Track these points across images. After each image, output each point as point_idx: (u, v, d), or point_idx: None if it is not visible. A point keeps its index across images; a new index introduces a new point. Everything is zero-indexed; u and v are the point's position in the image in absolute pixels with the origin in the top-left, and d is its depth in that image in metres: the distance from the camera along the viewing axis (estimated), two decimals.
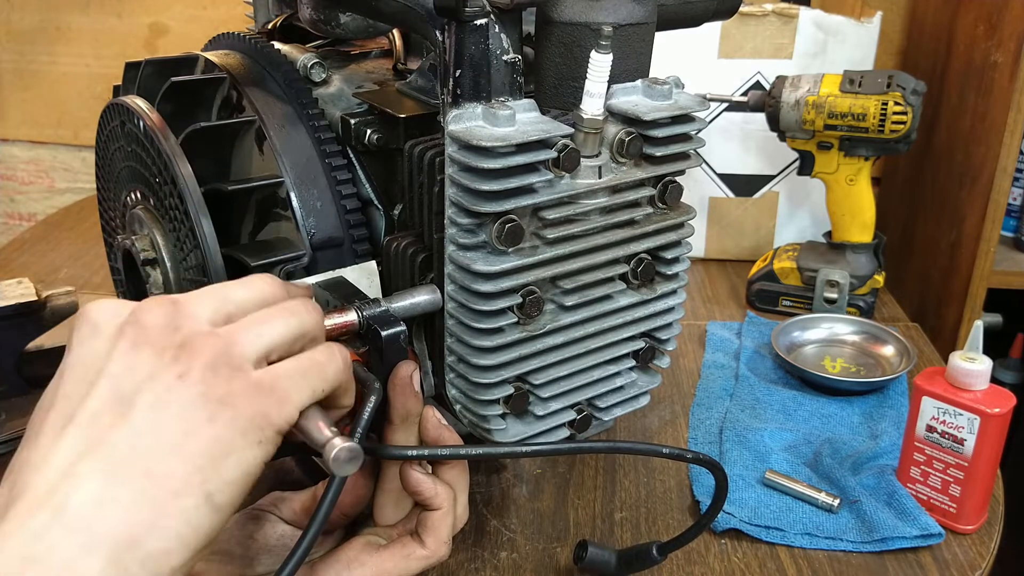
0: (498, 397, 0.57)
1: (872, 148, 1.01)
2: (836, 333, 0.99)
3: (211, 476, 0.37)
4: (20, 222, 1.69)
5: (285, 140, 0.65)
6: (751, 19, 1.11)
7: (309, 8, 0.70)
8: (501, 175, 0.51)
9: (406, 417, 0.52)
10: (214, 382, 0.39)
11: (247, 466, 0.39)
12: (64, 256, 1.21)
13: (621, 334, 0.61)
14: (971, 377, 0.68)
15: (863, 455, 0.78)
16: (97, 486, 0.36)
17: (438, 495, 0.52)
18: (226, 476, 0.38)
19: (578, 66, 0.55)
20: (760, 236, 1.21)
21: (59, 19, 1.53)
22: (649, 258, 0.60)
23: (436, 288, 0.57)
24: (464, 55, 0.52)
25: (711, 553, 0.69)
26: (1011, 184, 1.06)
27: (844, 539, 0.70)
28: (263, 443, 0.40)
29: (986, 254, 1.09)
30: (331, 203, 0.65)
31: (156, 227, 0.67)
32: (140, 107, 0.66)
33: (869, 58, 1.12)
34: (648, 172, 0.58)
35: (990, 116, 1.07)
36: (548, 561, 0.68)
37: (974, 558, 0.69)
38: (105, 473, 0.36)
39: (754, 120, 1.11)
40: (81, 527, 0.35)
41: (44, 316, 0.79)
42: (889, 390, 0.89)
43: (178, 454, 0.37)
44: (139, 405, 0.38)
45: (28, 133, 1.62)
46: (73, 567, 0.34)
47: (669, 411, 0.88)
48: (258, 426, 0.39)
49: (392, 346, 0.52)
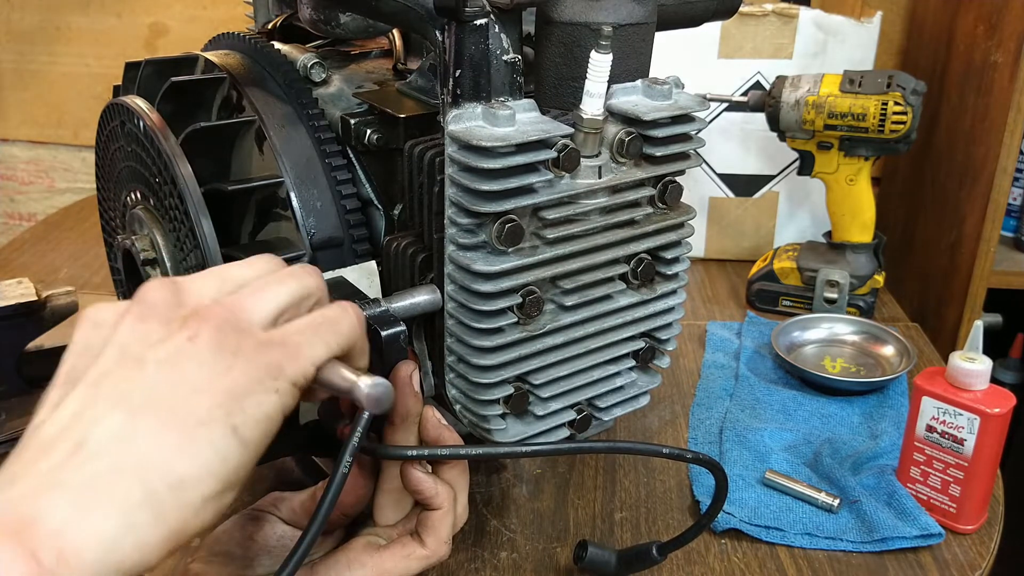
0: (498, 397, 0.57)
1: (872, 148, 1.01)
2: (836, 333, 0.99)
3: (235, 411, 0.37)
4: (20, 222, 1.69)
5: (285, 140, 0.65)
6: (751, 19, 1.11)
7: (309, 8, 0.70)
8: (501, 175, 0.51)
9: (406, 417, 0.52)
10: (224, 341, 0.38)
11: (267, 409, 0.38)
12: (64, 256, 1.21)
13: (621, 334, 0.61)
14: (971, 377, 0.68)
15: (863, 455, 0.78)
16: (118, 421, 0.35)
17: (438, 495, 0.52)
18: (249, 414, 0.37)
19: (578, 66, 0.55)
20: (760, 236, 1.21)
21: (59, 19, 1.53)
22: (649, 258, 0.60)
23: (436, 288, 0.57)
24: (464, 55, 0.52)
25: (711, 553, 0.69)
26: (1011, 184, 1.06)
27: (844, 539, 0.70)
28: (280, 393, 0.39)
29: (986, 254, 1.09)
30: (331, 203, 0.65)
31: (156, 227, 0.67)
32: (140, 107, 0.66)
33: (869, 58, 1.12)
34: (648, 172, 0.58)
35: (990, 116, 1.07)
36: (548, 561, 0.68)
37: (974, 558, 0.69)
38: (125, 412, 0.35)
39: (754, 120, 1.11)
40: (105, 453, 0.34)
41: (44, 316, 0.79)
42: (889, 390, 0.89)
43: (199, 393, 0.37)
44: (150, 361, 0.37)
45: (28, 133, 1.62)
46: (99, 488, 0.33)
47: (669, 411, 0.88)
48: (272, 376, 0.39)
49: (392, 346, 0.52)
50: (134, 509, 0.34)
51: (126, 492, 0.34)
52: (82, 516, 0.33)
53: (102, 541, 0.33)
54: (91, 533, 0.33)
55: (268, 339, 0.40)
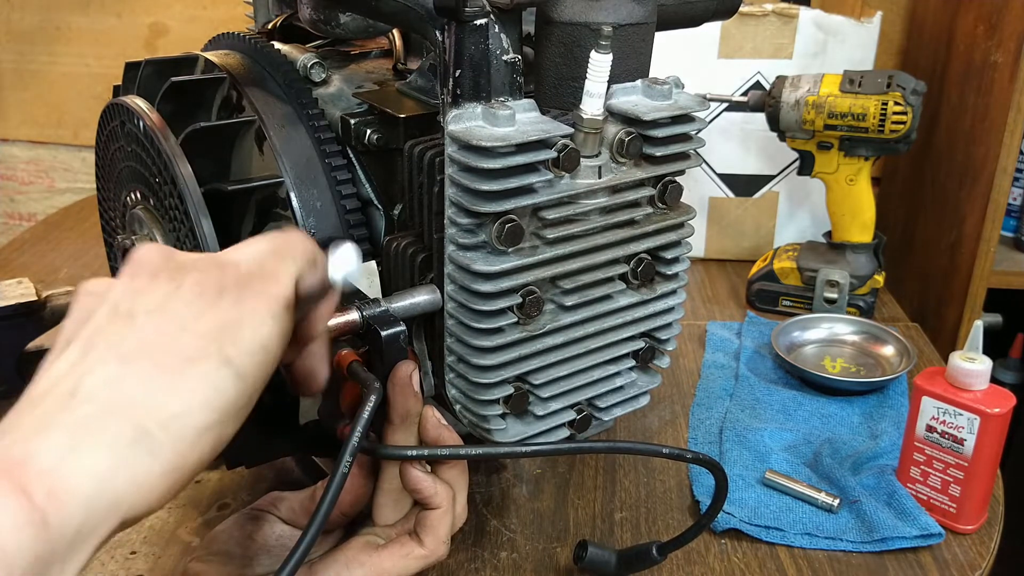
0: (498, 397, 0.57)
1: (872, 148, 1.01)
2: (836, 333, 0.99)
3: (227, 344, 0.38)
4: (20, 222, 1.69)
5: (285, 140, 0.65)
6: (751, 19, 1.11)
7: (309, 8, 0.70)
8: (501, 175, 0.51)
9: (406, 417, 0.52)
10: (208, 280, 0.39)
11: (263, 339, 0.39)
12: (64, 256, 1.21)
13: (621, 334, 0.61)
14: (971, 377, 0.68)
15: (863, 455, 0.78)
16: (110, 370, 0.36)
17: (437, 494, 0.52)
18: (243, 346, 0.38)
19: (578, 66, 0.55)
20: (760, 236, 1.21)
21: (59, 19, 1.53)
22: (649, 258, 0.60)
23: (436, 288, 0.57)
24: (464, 55, 0.52)
25: (711, 553, 0.69)
26: (1011, 184, 1.06)
27: (844, 539, 0.70)
28: (275, 317, 0.40)
29: (986, 254, 1.09)
30: (331, 203, 0.65)
31: (156, 227, 0.67)
32: (140, 107, 0.66)
33: (869, 58, 1.12)
34: (648, 172, 0.58)
35: (990, 116, 1.07)
36: (548, 561, 0.68)
37: (974, 558, 0.69)
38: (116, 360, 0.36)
39: (754, 120, 1.11)
40: (96, 399, 0.35)
41: (44, 316, 0.79)
42: (889, 390, 0.89)
43: (189, 331, 0.37)
44: (140, 313, 0.38)
45: (28, 133, 1.62)
46: (91, 428, 0.34)
47: (669, 411, 0.88)
48: (264, 302, 0.40)
49: (392, 346, 0.52)
50: (126, 446, 0.34)
51: (117, 431, 0.34)
52: (73, 455, 0.33)
53: (93, 477, 0.33)
54: (82, 470, 0.33)
55: (248, 271, 0.41)
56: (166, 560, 0.67)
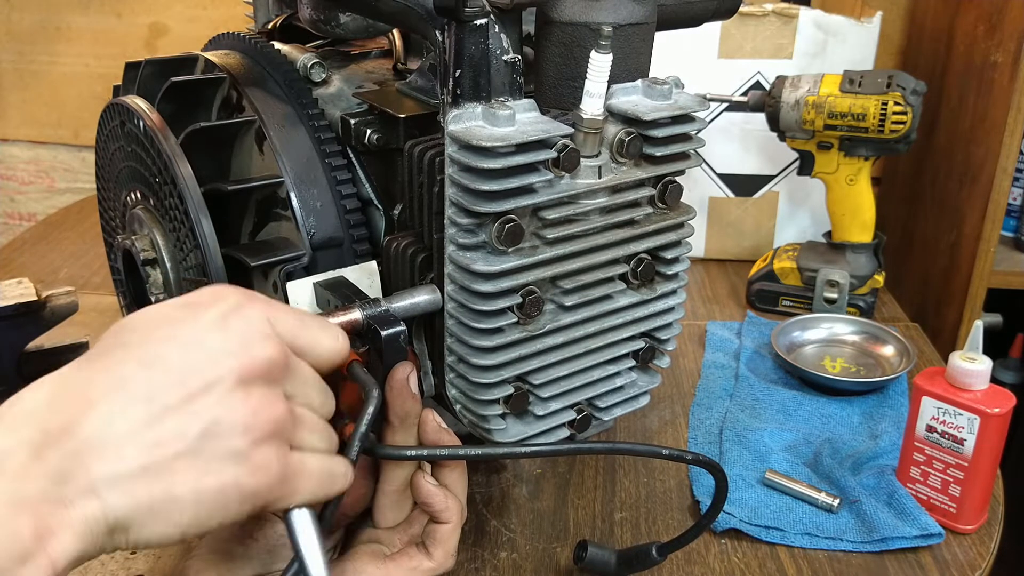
0: (498, 397, 0.57)
1: (872, 148, 1.01)
2: (836, 333, 0.99)
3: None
4: (20, 222, 1.69)
5: (285, 140, 0.65)
6: (751, 19, 1.11)
7: (309, 8, 0.70)
8: (501, 175, 0.51)
9: (404, 418, 0.52)
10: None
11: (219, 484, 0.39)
12: (64, 256, 1.21)
13: (621, 334, 0.61)
14: (971, 377, 0.68)
15: (863, 455, 0.78)
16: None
17: (448, 508, 0.52)
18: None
19: (578, 66, 0.55)
20: (760, 236, 1.21)
21: (59, 19, 1.53)
22: (649, 258, 0.60)
23: (436, 288, 0.57)
24: (464, 55, 0.52)
25: (711, 553, 0.69)
26: (1011, 184, 1.06)
27: (844, 539, 0.70)
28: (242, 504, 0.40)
29: (986, 254, 1.08)
30: (331, 203, 0.65)
31: (156, 227, 0.67)
32: (140, 107, 0.66)
33: (869, 58, 1.12)
34: (648, 172, 0.58)
35: (990, 116, 1.07)
36: (548, 561, 0.68)
37: (974, 558, 0.69)
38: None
39: (754, 120, 1.11)
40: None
41: (44, 316, 0.79)
42: (889, 390, 0.89)
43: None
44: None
45: (28, 133, 1.62)
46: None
47: (669, 411, 0.88)
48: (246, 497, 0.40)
49: (392, 346, 0.52)
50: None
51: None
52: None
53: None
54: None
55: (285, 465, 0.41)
56: (166, 560, 0.67)
